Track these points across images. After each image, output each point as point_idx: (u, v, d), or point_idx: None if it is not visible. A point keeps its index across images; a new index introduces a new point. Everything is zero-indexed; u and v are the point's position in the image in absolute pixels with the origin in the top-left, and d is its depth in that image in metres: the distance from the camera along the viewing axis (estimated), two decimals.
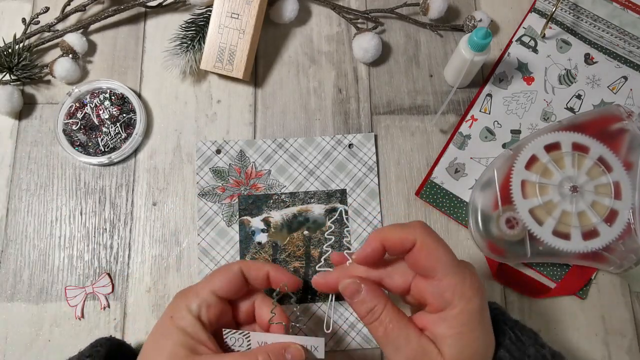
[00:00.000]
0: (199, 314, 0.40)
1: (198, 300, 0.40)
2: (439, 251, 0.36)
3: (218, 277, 0.41)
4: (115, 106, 0.58)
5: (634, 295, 0.53)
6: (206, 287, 0.41)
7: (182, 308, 0.40)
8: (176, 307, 0.40)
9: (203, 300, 0.40)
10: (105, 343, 0.44)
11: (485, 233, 0.52)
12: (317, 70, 0.61)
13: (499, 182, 0.52)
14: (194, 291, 0.41)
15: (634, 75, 0.59)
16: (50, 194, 0.56)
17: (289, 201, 0.55)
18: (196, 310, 0.40)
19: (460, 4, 0.63)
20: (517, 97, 0.59)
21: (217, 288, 0.41)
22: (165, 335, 0.39)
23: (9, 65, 0.57)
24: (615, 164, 0.51)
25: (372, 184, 0.56)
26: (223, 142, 0.57)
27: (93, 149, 0.56)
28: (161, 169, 0.57)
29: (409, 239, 0.36)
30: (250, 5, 0.56)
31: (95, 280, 0.53)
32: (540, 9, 0.62)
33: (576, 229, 0.50)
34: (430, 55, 0.61)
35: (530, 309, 0.53)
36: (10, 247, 0.54)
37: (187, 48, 0.58)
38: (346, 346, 0.51)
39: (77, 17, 0.62)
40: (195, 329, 0.39)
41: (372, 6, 0.63)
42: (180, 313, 0.39)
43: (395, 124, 0.58)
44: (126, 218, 0.55)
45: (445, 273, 0.36)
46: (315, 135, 0.58)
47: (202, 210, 0.55)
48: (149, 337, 0.40)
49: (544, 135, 0.52)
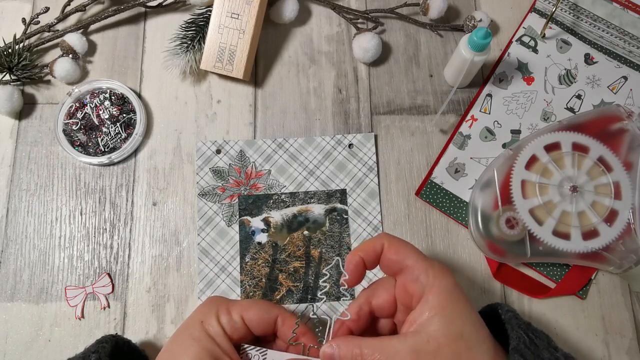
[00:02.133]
0: (227, 329, 0.42)
1: (230, 319, 0.42)
2: (405, 246, 0.41)
3: (254, 310, 0.43)
4: (115, 106, 0.58)
5: (634, 295, 0.53)
6: (239, 312, 0.42)
7: (213, 317, 0.42)
8: (208, 314, 0.42)
9: (233, 322, 0.42)
10: (111, 340, 0.45)
11: (485, 233, 0.52)
12: (317, 70, 0.61)
13: (499, 182, 0.52)
14: (227, 309, 0.43)
15: (634, 75, 0.59)
16: (50, 194, 0.56)
17: (289, 201, 0.55)
18: (226, 325, 0.42)
19: (460, 4, 0.63)
20: (517, 97, 0.59)
21: (248, 319, 0.42)
22: (194, 337, 0.41)
23: (9, 65, 0.57)
24: (615, 164, 0.51)
25: (372, 184, 0.56)
26: (223, 142, 0.57)
27: (93, 149, 0.56)
28: (161, 169, 0.57)
29: (377, 243, 0.41)
30: (250, 5, 0.56)
31: (95, 280, 0.53)
32: (540, 9, 0.62)
33: (576, 229, 0.50)
34: (430, 55, 0.61)
35: (530, 309, 0.53)
36: (10, 247, 0.54)
37: (187, 48, 0.58)
38: None
39: (77, 17, 0.62)
40: (222, 339, 0.41)
41: (372, 6, 0.63)
42: (211, 321, 0.42)
43: (395, 124, 0.58)
44: (126, 218, 0.55)
45: (415, 260, 0.40)
46: (315, 135, 0.58)
47: (202, 210, 0.55)
48: (174, 336, 0.42)
49: (544, 135, 0.52)
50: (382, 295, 0.42)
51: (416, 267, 0.39)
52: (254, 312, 0.43)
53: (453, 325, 0.37)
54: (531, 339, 0.38)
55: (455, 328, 0.37)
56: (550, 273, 0.54)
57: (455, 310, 0.38)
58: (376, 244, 0.41)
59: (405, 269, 0.40)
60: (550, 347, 0.39)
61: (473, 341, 0.37)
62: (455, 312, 0.38)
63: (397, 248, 0.41)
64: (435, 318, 0.37)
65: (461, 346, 0.36)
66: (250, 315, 0.42)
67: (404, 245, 0.41)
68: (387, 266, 0.42)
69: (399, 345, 0.37)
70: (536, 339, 0.39)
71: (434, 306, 0.38)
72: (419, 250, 0.41)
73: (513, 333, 0.39)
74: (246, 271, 0.53)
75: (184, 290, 0.53)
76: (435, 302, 0.38)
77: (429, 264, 0.39)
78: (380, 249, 0.41)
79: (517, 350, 0.37)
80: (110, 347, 0.43)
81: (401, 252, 0.41)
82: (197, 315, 0.43)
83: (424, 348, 0.36)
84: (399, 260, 0.40)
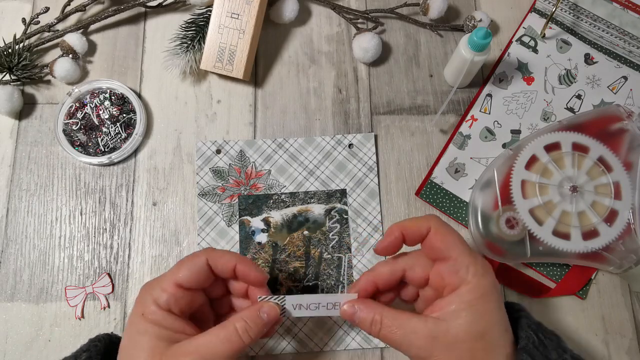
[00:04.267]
0: (169, 307, 0.40)
1: (165, 295, 0.40)
2: (452, 235, 0.40)
3: (182, 269, 0.41)
4: (115, 106, 0.58)
5: (634, 295, 0.53)
6: (171, 280, 0.40)
7: (150, 303, 0.40)
8: (145, 303, 0.40)
9: (170, 295, 0.40)
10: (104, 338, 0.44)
11: (485, 233, 0.52)
12: (317, 70, 0.61)
13: (499, 182, 0.52)
14: (160, 285, 0.41)
15: (634, 75, 0.59)
16: (50, 194, 0.56)
17: (289, 201, 0.55)
18: (165, 304, 0.40)
19: (460, 4, 0.63)
20: (517, 97, 0.59)
21: (182, 281, 0.40)
22: (141, 332, 0.39)
23: (9, 65, 0.57)
24: (615, 164, 0.51)
25: (372, 184, 0.56)
26: (223, 142, 0.57)
27: (93, 149, 0.56)
28: (161, 169, 0.57)
29: (424, 225, 0.40)
30: (250, 5, 0.56)
31: (95, 280, 0.53)
32: (540, 9, 0.62)
33: (576, 229, 0.50)
34: (430, 55, 0.61)
35: (530, 309, 0.52)
36: (10, 247, 0.54)
37: (187, 48, 0.58)
38: (346, 346, 0.51)
39: (77, 17, 0.62)
40: (168, 320, 0.39)
41: (372, 6, 0.63)
42: (150, 308, 0.40)
43: (395, 124, 0.58)
44: (126, 218, 0.55)
45: (459, 252, 0.39)
46: (315, 135, 0.58)
47: (202, 210, 0.55)
48: (124, 336, 0.41)
49: (544, 135, 0.52)
50: (418, 271, 0.42)
51: (459, 261, 0.38)
52: (183, 270, 0.41)
53: (476, 325, 0.37)
54: (540, 339, 0.38)
55: (478, 328, 0.37)
56: (550, 273, 0.54)
57: (484, 311, 0.37)
58: (422, 226, 0.40)
59: (447, 259, 0.39)
60: (560, 348, 0.38)
61: (493, 344, 0.37)
62: (483, 312, 0.37)
63: (443, 235, 0.40)
64: (462, 313, 0.37)
65: (478, 346, 0.36)
66: (181, 275, 0.40)
67: (451, 233, 0.40)
68: (429, 250, 0.41)
69: (419, 326, 0.37)
70: (546, 340, 0.38)
71: (464, 301, 0.37)
72: (464, 241, 0.40)
73: (522, 333, 0.39)
74: None
75: None
76: (467, 298, 0.37)
77: (473, 259, 0.38)
78: (426, 232, 0.40)
79: (525, 350, 0.38)
80: (103, 346, 0.43)
81: (447, 240, 0.39)
82: (136, 310, 0.41)
83: (441, 337, 0.36)
84: (442, 248, 0.39)
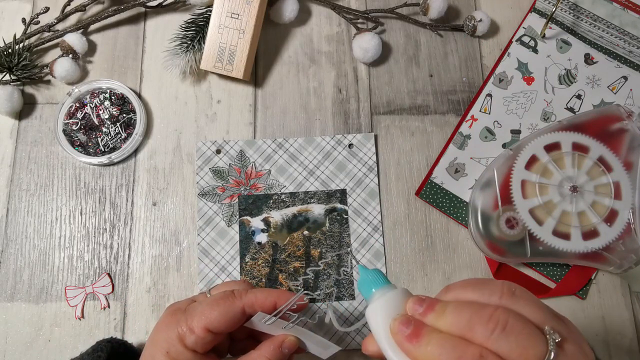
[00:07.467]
0: (195, 348, 0.39)
1: (193, 337, 0.38)
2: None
3: (215, 313, 0.39)
4: (115, 106, 0.58)
5: (634, 295, 0.53)
6: (201, 324, 0.38)
7: (176, 342, 0.38)
8: (170, 340, 0.39)
9: (198, 338, 0.38)
10: (107, 346, 0.44)
11: (485, 233, 0.51)
12: (317, 70, 0.61)
13: (499, 182, 0.52)
14: (188, 324, 0.39)
15: (634, 75, 0.59)
16: (50, 194, 0.56)
17: (289, 201, 0.55)
18: (192, 345, 0.38)
19: (460, 4, 0.63)
20: (517, 97, 0.59)
21: (213, 328, 0.39)
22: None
23: (9, 65, 0.57)
24: (615, 164, 0.51)
25: (372, 184, 0.56)
26: (223, 142, 0.57)
27: (93, 149, 0.56)
28: (161, 169, 0.57)
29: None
30: (250, 5, 0.56)
31: (95, 280, 0.53)
32: (540, 9, 0.62)
33: (576, 229, 0.50)
34: (430, 55, 0.61)
35: None
36: (10, 247, 0.54)
37: (187, 48, 0.58)
38: (346, 346, 0.51)
39: (77, 17, 0.62)
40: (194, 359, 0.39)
41: (372, 6, 0.63)
42: (176, 348, 0.38)
43: (395, 124, 0.58)
44: (126, 218, 0.55)
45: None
46: (315, 135, 0.58)
47: (202, 210, 0.55)
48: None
49: (544, 135, 0.52)
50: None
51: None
52: (216, 316, 0.38)
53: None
54: None
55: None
56: (550, 273, 0.54)
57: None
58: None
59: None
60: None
61: None
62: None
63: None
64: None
65: None
66: (214, 321, 0.38)
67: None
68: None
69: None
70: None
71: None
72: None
73: None
74: (246, 271, 0.53)
75: (184, 290, 0.53)
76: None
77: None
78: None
79: None
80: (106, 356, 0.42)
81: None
82: (160, 345, 0.39)
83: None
84: None
